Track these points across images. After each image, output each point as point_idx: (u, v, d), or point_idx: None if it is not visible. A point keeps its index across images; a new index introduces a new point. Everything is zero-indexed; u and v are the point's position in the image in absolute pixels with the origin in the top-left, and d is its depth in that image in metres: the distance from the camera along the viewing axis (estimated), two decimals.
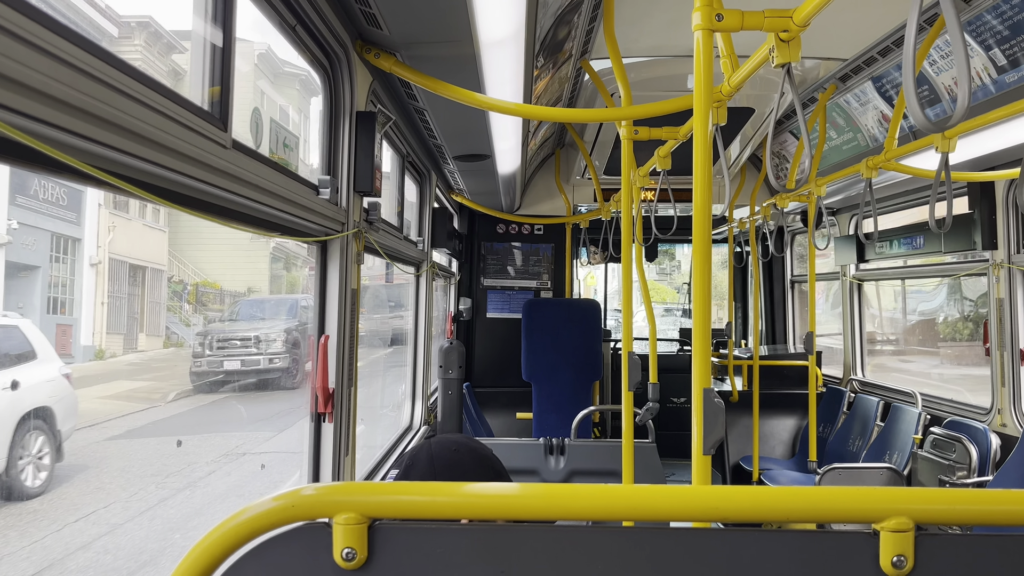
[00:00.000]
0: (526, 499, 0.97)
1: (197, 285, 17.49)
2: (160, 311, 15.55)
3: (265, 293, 17.76)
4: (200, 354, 13.33)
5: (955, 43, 1.21)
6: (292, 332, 13.96)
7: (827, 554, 0.92)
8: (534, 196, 6.78)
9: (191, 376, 13.18)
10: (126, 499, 7.78)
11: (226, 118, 1.60)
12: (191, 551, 0.91)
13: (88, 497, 7.59)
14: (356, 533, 0.91)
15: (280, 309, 16.11)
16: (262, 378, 13.50)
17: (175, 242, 17.09)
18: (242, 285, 17.85)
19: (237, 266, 18.03)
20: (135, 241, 14.47)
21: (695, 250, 1.89)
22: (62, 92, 1.01)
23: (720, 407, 1.85)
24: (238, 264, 18.05)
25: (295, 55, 2.03)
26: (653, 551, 0.93)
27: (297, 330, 14.16)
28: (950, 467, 4.32)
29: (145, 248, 14.87)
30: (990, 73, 3.41)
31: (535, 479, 3.93)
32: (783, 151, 5.95)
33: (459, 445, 1.78)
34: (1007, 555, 0.92)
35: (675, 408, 7.25)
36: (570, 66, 3.80)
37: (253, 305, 16.96)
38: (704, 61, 1.87)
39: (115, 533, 6.79)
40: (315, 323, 2.41)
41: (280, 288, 19.37)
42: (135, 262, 14.47)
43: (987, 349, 4.58)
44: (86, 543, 6.44)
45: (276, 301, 17.36)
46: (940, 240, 4.82)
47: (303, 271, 20.57)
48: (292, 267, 20.10)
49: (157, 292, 15.44)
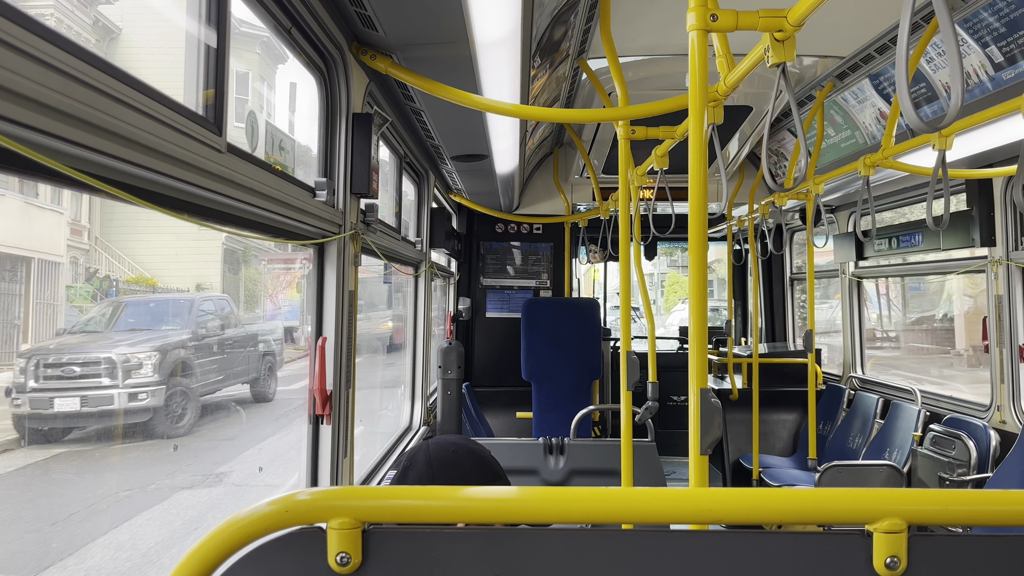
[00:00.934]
0: (521, 503, 0.97)
1: (102, 280, 13.52)
2: (57, 315, 11.33)
3: (217, 291, 14.91)
4: (22, 387, 7.98)
5: (948, 43, 1.21)
6: (174, 350, 9.21)
7: (822, 556, 0.92)
8: (533, 195, 6.78)
9: (13, 422, 7.98)
10: None
11: (220, 122, 1.60)
12: (186, 557, 0.91)
13: None
14: (350, 538, 0.91)
15: (168, 314, 11.02)
16: (126, 422, 8.41)
17: (108, 230, 14.14)
18: (189, 281, 15.12)
19: (184, 259, 15.32)
20: (14, 224, 10.54)
21: (691, 248, 1.89)
22: (52, 98, 1.01)
23: (717, 407, 1.85)
24: (185, 257, 15.32)
25: (252, 16, 1.97)
26: (650, 554, 0.93)
27: (188, 345, 9.61)
28: (950, 464, 4.32)
29: (32, 233, 10.90)
30: (987, 70, 3.41)
31: (535, 479, 3.93)
32: (781, 149, 5.95)
33: (457, 446, 1.78)
34: (1002, 555, 0.92)
35: (675, 406, 7.25)
36: (567, 66, 3.80)
37: (139, 310, 11.56)
38: (699, 61, 1.87)
39: None
40: (313, 325, 2.42)
41: (238, 288, 16.63)
42: (14, 251, 10.56)
43: (986, 346, 4.58)
44: None
45: (164, 303, 12.29)
46: (939, 237, 4.82)
47: (272, 266, 17.67)
48: (251, 261, 17.25)
49: (52, 291, 11.47)
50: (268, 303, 16.91)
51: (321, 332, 2.39)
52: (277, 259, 16.84)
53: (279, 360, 12.30)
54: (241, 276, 16.42)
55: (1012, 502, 0.93)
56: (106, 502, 6.80)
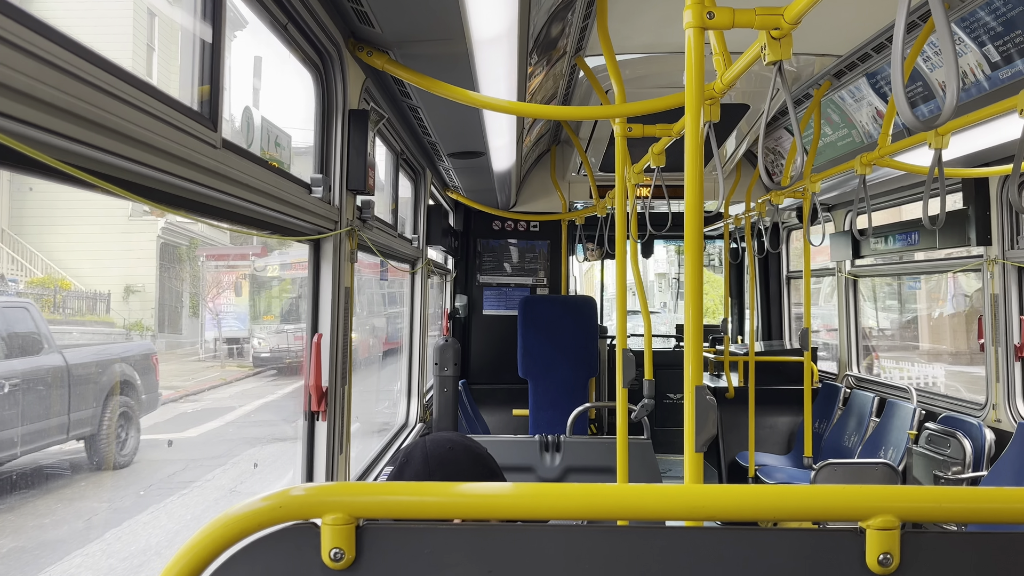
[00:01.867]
0: (516, 499, 0.97)
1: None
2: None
3: (151, 293, 12.44)
4: None
5: (943, 42, 1.22)
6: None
7: (816, 552, 0.93)
8: (530, 193, 6.78)
9: None
10: None
11: (216, 117, 1.59)
12: (180, 551, 0.91)
13: None
14: (344, 533, 0.91)
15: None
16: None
17: (19, 222, 11.34)
18: (115, 282, 11.85)
19: (110, 255, 12.45)
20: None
21: (687, 246, 1.89)
22: (47, 94, 1.01)
23: (712, 404, 1.85)
24: (111, 253, 12.47)
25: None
26: (645, 550, 0.93)
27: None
28: (945, 462, 4.34)
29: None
30: (984, 69, 3.42)
31: (531, 476, 3.93)
32: (778, 147, 5.96)
33: (453, 443, 1.78)
34: (994, 552, 0.92)
35: (672, 404, 7.26)
36: (564, 63, 3.80)
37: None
38: (695, 59, 1.87)
39: None
40: (308, 322, 2.41)
41: (181, 292, 13.16)
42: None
43: (981, 345, 4.59)
44: None
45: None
46: (935, 236, 4.83)
47: (213, 263, 14.18)
48: (193, 258, 13.83)
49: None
50: (214, 307, 13.75)
51: (317, 329, 2.39)
52: (219, 255, 13.94)
53: (143, 398, 7.12)
54: (185, 275, 13.25)
55: (1005, 500, 0.94)
56: None
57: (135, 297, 11.77)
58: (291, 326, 12.02)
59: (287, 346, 11.54)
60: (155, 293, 12.38)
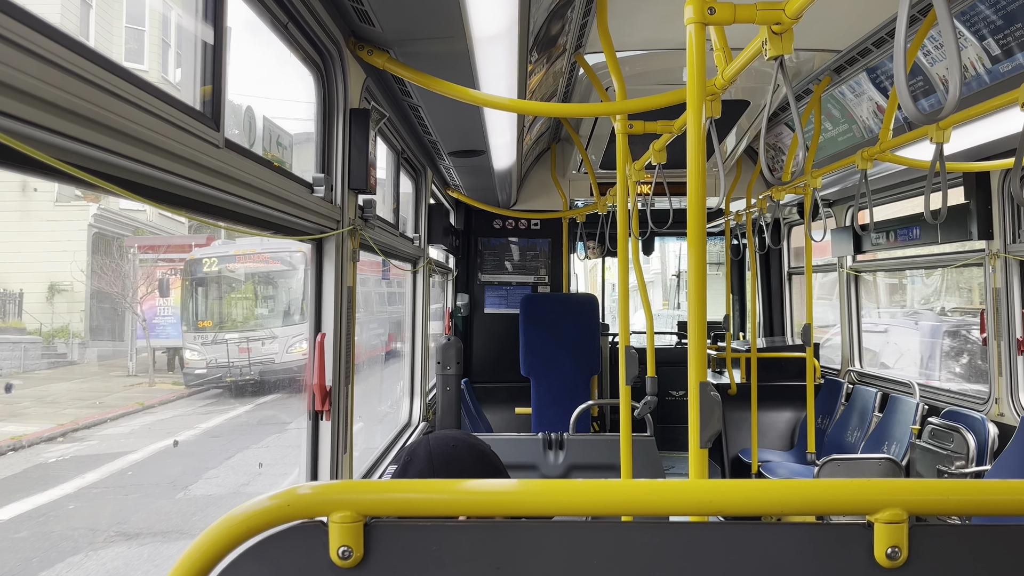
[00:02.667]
0: (522, 495, 0.97)
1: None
2: None
3: (81, 292, 9.94)
4: None
5: (946, 35, 1.21)
6: None
7: (823, 546, 0.93)
8: (530, 191, 6.77)
9: None
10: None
11: (218, 117, 1.59)
12: (187, 552, 0.91)
13: None
14: (352, 531, 0.91)
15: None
16: None
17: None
18: (38, 279, 9.87)
19: (33, 247, 10.25)
20: None
21: (690, 243, 1.89)
22: (50, 94, 1.01)
23: (716, 400, 1.85)
24: (35, 245, 10.27)
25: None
26: (650, 545, 0.93)
27: None
28: (948, 457, 4.33)
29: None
30: (984, 63, 3.41)
31: (534, 474, 3.93)
32: (779, 143, 5.95)
33: (458, 441, 1.78)
34: (1002, 545, 0.92)
35: (674, 401, 7.26)
36: (564, 61, 3.80)
37: None
38: (696, 55, 1.87)
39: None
40: (311, 321, 2.41)
41: (122, 291, 10.38)
42: None
43: (984, 339, 4.59)
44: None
45: None
46: (936, 231, 4.82)
47: (146, 257, 11.23)
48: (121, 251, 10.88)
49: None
50: (143, 311, 10.91)
51: (320, 328, 2.39)
52: (151, 246, 11.15)
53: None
54: (130, 271, 10.77)
55: (1013, 492, 0.93)
56: None
57: (61, 297, 9.69)
58: (233, 335, 9.28)
59: (231, 360, 8.72)
60: (86, 293, 10.16)
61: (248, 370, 8.94)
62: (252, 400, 7.47)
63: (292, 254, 9.99)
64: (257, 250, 9.84)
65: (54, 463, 6.11)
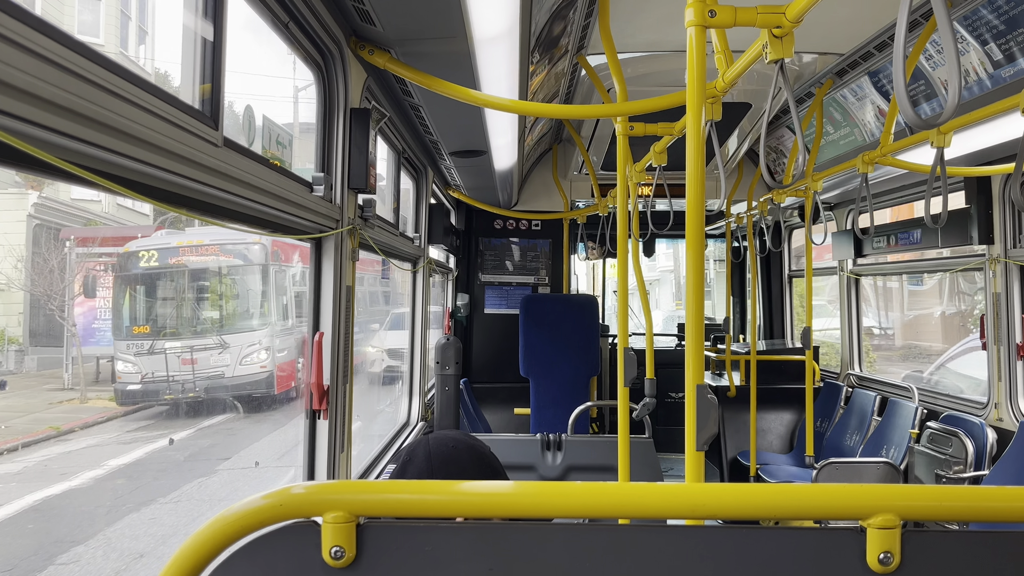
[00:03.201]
0: (518, 497, 0.97)
1: None
2: None
3: (18, 293, 8.45)
4: None
5: (945, 41, 1.21)
6: None
7: (816, 551, 0.93)
8: (531, 192, 6.77)
9: None
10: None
11: (217, 116, 1.59)
12: (180, 549, 0.91)
13: None
14: (344, 532, 0.91)
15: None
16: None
17: None
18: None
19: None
20: None
21: (688, 245, 1.89)
22: (49, 92, 1.01)
23: (713, 403, 1.85)
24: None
25: None
26: (646, 548, 0.93)
27: None
28: (946, 461, 4.33)
29: None
30: (986, 68, 3.41)
31: (532, 475, 3.93)
32: (780, 146, 5.95)
33: (457, 442, 1.78)
34: (995, 551, 0.92)
35: (673, 403, 7.26)
36: (566, 62, 3.80)
37: None
38: (697, 57, 1.87)
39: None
40: (310, 321, 2.42)
41: (43, 291, 8.77)
42: None
43: (983, 344, 4.59)
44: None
45: None
46: (937, 235, 4.82)
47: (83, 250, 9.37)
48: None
49: None
50: (88, 313, 9.17)
51: (318, 327, 2.40)
52: (87, 238, 9.40)
53: None
54: (82, 268, 9.00)
55: (1006, 498, 0.93)
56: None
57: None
58: (175, 343, 7.23)
59: (170, 373, 6.71)
60: (24, 292, 8.74)
61: (192, 386, 7.49)
62: (196, 423, 5.79)
63: (249, 247, 9.10)
64: (205, 242, 8.63)
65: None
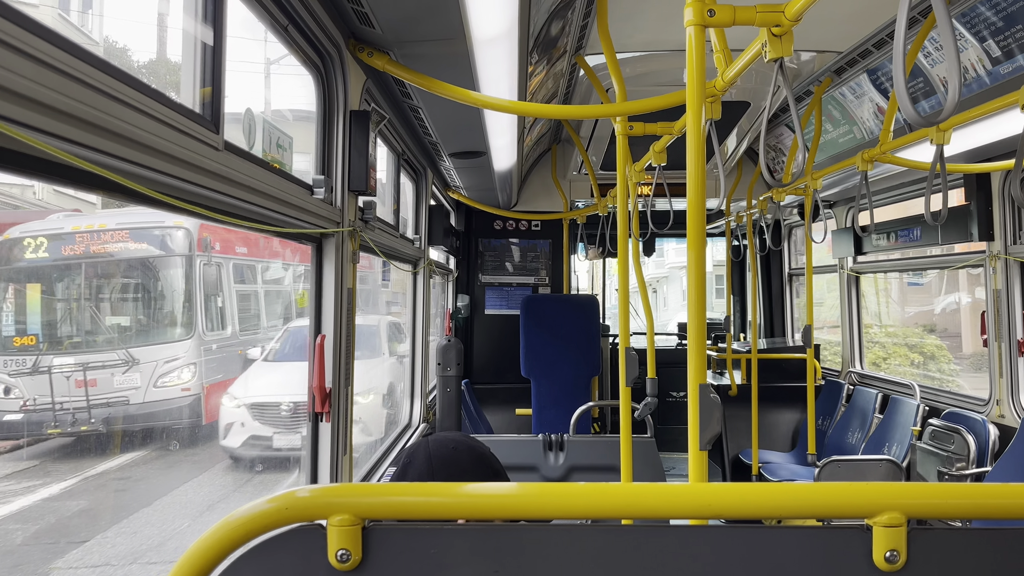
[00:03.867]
0: (521, 498, 0.97)
1: None
2: None
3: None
4: None
5: (945, 38, 1.21)
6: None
7: (822, 550, 0.93)
8: (531, 192, 6.77)
9: None
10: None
11: (218, 120, 1.59)
12: (186, 555, 0.91)
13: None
14: (350, 534, 0.91)
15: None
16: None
17: None
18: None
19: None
20: None
21: (689, 244, 1.89)
22: (51, 97, 1.01)
23: (716, 402, 1.85)
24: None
25: None
26: (650, 549, 0.93)
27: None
28: (949, 459, 4.33)
29: None
30: (985, 65, 3.41)
31: (534, 475, 3.93)
32: (779, 145, 5.95)
33: (457, 443, 1.78)
34: (1001, 548, 0.92)
35: (675, 402, 7.26)
36: (565, 62, 3.80)
37: None
38: (696, 56, 1.87)
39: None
40: (312, 323, 2.42)
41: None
42: None
43: (984, 340, 4.59)
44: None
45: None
46: (937, 232, 4.82)
47: None
48: None
49: None
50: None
51: (320, 330, 2.40)
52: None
53: None
54: None
55: (1011, 495, 0.93)
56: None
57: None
58: (67, 359, 5.56)
59: (55, 400, 5.24)
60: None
61: (86, 416, 5.70)
62: (84, 469, 4.21)
63: (170, 232, 6.98)
64: (109, 226, 6.51)
65: None
